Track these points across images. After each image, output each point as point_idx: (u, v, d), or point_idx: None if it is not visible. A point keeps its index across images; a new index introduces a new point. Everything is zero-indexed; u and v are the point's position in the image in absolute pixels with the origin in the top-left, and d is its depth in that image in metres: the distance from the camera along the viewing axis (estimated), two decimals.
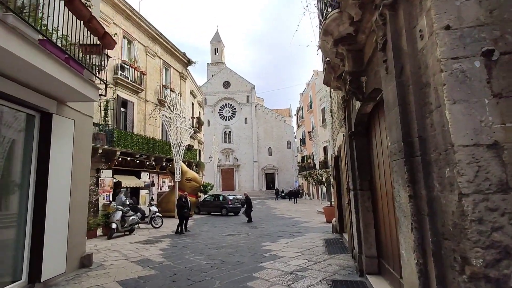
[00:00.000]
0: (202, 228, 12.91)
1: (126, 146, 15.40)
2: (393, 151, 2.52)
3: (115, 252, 7.89)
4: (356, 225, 4.83)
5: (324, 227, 11.77)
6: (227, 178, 59.26)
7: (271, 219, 16.44)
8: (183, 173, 18.42)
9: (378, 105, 4.05)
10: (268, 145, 60.86)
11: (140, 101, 18.40)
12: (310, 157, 38.05)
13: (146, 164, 17.79)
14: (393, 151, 2.50)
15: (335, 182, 8.62)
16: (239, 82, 62.98)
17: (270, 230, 11.81)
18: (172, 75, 22.43)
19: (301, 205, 27.87)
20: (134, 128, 17.57)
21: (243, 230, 11.92)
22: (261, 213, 20.40)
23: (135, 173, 17.27)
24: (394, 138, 2.46)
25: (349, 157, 5.11)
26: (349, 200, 5.54)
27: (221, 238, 9.99)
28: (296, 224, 13.21)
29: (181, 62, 23.90)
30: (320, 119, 34.06)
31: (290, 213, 19.64)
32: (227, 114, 61.86)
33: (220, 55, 70.98)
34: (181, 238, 10.18)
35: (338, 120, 7.62)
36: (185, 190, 18.42)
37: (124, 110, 16.93)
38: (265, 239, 9.42)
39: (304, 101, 42.49)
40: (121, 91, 16.55)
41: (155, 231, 12.15)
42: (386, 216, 4.00)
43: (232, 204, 19.48)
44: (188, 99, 25.31)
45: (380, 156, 4.14)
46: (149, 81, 19.40)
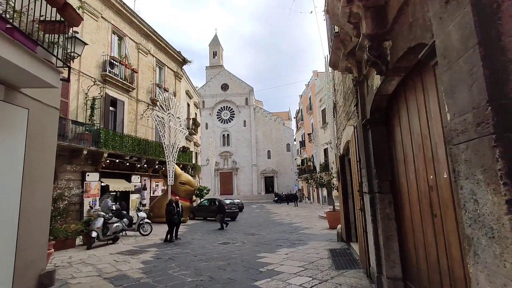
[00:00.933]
0: (194, 235, 11.88)
1: (115, 148, 14.41)
2: (459, 127, 1.56)
3: (89, 266, 6.86)
4: (373, 237, 3.85)
5: (327, 234, 10.76)
6: (225, 182, 58.22)
7: (269, 224, 15.41)
8: (176, 176, 17.40)
9: (405, 82, 3.09)
10: (267, 148, 59.91)
11: (131, 101, 17.44)
12: (310, 159, 37.06)
13: (137, 166, 16.79)
14: (460, 127, 1.55)
15: (340, 184, 7.64)
16: (238, 84, 62.24)
17: (268, 237, 10.80)
18: (166, 74, 21.52)
19: (301, 209, 26.82)
20: (125, 129, 16.59)
21: (239, 238, 10.91)
22: (259, 218, 19.37)
23: (125, 177, 16.26)
24: (464, 104, 1.50)
25: (363, 152, 4.14)
26: (362, 206, 4.56)
27: (213, 248, 8.97)
28: (296, 231, 12.19)
29: (176, 61, 23.00)
30: (320, 120, 33.15)
31: (290, 218, 18.61)
32: (226, 117, 61.00)
33: (219, 58, 70.28)
34: (169, 248, 9.15)
35: (345, 113, 6.66)
36: (178, 194, 17.42)
37: (113, 109, 15.96)
38: (262, 249, 8.41)
39: (304, 102, 41.63)
40: (110, 89, 15.60)
41: (142, 239, 11.11)
42: (417, 226, 3.02)
43: (228, 209, 18.42)
44: (183, 100, 24.38)
45: (408, 149, 3.17)
46: (141, 79, 18.47)
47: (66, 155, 12.49)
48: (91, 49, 14.50)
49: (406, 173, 3.28)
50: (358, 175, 4.70)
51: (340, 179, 7.59)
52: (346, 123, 6.62)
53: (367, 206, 4.06)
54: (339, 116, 8.03)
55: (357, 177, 4.84)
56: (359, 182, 4.56)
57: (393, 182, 3.72)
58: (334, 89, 8.58)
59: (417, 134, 2.90)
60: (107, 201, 12.67)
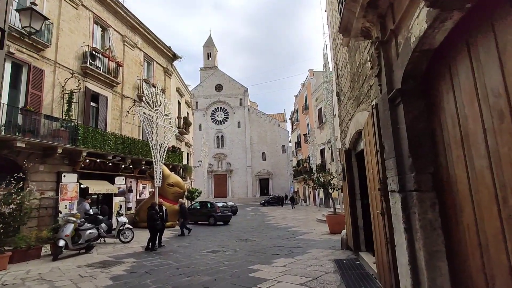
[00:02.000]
0: (181, 242, 10.70)
1: (95, 146, 13.17)
2: None
3: (45, 283, 5.66)
4: (407, 253, 2.76)
5: (328, 240, 9.68)
6: (219, 184, 57.01)
7: (265, 229, 14.28)
8: (164, 178, 16.18)
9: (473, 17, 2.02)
10: (262, 149, 58.90)
11: (116, 96, 16.22)
12: (306, 160, 36.06)
13: (122, 167, 15.54)
14: None
15: (346, 184, 6.56)
16: (232, 85, 61.25)
17: (263, 244, 9.67)
18: (155, 70, 20.34)
19: (297, 212, 25.75)
20: (108, 126, 15.36)
21: (230, 245, 9.76)
22: (254, 222, 18.24)
23: (108, 178, 15.01)
24: None
25: (389, 137, 3.06)
26: (384, 208, 3.48)
27: (201, 258, 7.82)
28: (294, 236, 11.09)
29: (166, 56, 21.85)
30: (316, 120, 32.23)
31: (287, 221, 17.51)
32: (220, 118, 59.89)
33: (213, 59, 69.22)
34: (149, 258, 7.97)
35: (354, 98, 5.60)
36: (167, 197, 16.23)
37: (95, 105, 14.74)
38: (256, 259, 7.28)
39: (299, 102, 40.71)
40: (92, 83, 14.38)
41: (121, 247, 9.90)
42: (493, 241, 1.94)
43: (221, 212, 17.28)
44: (173, 97, 23.20)
45: (471, 123, 2.10)
46: (127, 74, 17.27)
47: (38, 154, 11.23)
48: (69, 39, 13.31)
49: (465, 160, 2.20)
50: (377, 169, 3.62)
51: (346, 178, 6.52)
52: (355, 110, 5.56)
53: (396, 210, 2.98)
54: (344, 106, 6.97)
55: (376, 171, 3.76)
56: (380, 178, 3.48)
57: (436, 176, 2.65)
58: (338, 75, 7.53)
59: (495, 94, 1.82)
60: (84, 204, 11.52)
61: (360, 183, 6.38)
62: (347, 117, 6.56)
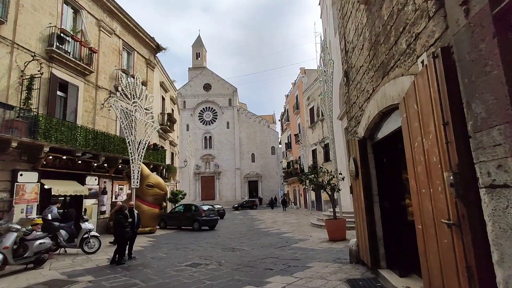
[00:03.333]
0: (157, 252, 9.11)
1: (61, 141, 11.44)
2: None
3: None
4: None
5: (329, 249, 8.31)
6: (207, 186, 55.21)
7: (254, 235, 12.82)
8: (143, 178, 14.54)
9: None
10: (251, 151, 57.49)
11: (89, 86, 14.49)
12: (297, 162, 34.83)
13: (94, 166, 13.80)
14: None
15: (359, 182, 5.21)
16: (221, 84, 59.73)
17: (253, 254, 8.22)
18: (135, 61, 18.65)
19: (288, 216, 24.39)
20: (79, 119, 13.62)
21: (215, 256, 8.26)
22: (242, 227, 16.74)
23: (78, 178, 13.24)
24: None
25: (495, 85, 1.67)
26: (459, 215, 2.10)
27: (176, 274, 6.29)
28: (288, 244, 9.67)
29: (148, 47, 20.19)
30: (308, 120, 31.06)
31: (278, 226, 16.10)
32: (208, 118, 58.21)
33: (202, 59, 67.63)
34: (111, 275, 6.39)
35: (376, 68, 4.27)
36: (145, 199, 14.60)
37: (62, 94, 12.99)
38: (246, 276, 5.83)
39: (290, 102, 39.54)
40: (59, 69, 12.64)
41: (83, 259, 8.24)
42: None
43: (206, 216, 15.71)
44: (157, 92, 21.52)
45: None
46: (103, 63, 15.56)
47: None
48: (31, 17, 11.58)
49: None
50: (443, 153, 2.24)
51: (359, 175, 5.16)
52: (378, 83, 4.22)
53: (507, 219, 1.59)
54: (355, 86, 5.63)
55: (437, 157, 2.38)
56: (452, 166, 2.10)
57: None
58: (346, 51, 6.20)
59: None
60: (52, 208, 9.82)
61: (379, 182, 5.05)
62: (362, 98, 5.21)
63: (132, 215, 8.08)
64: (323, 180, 9.93)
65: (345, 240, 9.40)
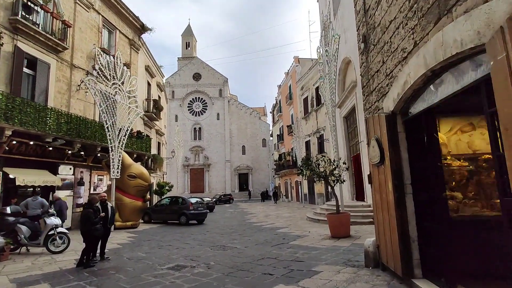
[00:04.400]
0: (136, 252, 7.91)
1: (26, 123, 9.98)
2: None
3: None
4: None
5: (335, 248, 7.29)
6: (196, 178, 53.89)
7: (247, 230, 11.74)
8: (125, 168, 13.24)
9: None
10: (242, 143, 56.29)
11: (62, 65, 12.93)
12: (289, 153, 33.88)
13: (68, 153, 12.37)
14: None
15: (387, 169, 4.12)
16: (211, 74, 57.99)
17: (247, 254, 7.12)
18: (117, 40, 17.06)
19: (281, 209, 23.44)
20: (50, 101, 12.11)
21: (203, 256, 7.13)
22: (233, 221, 15.65)
23: (49, 166, 11.81)
24: None
25: None
26: None
27: (155, 281, 5.13)
28: (286, 241, 8.62)
29: (132, 26, 18.56)
30: (301, 110, 30.00)
31: (271, 220, 15.07)
32: (197, 109, 56.53)
33: (192, 49, 65.59)
34: (72, 283, 5.17)
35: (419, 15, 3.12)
36: (127, 191, 13.31)
37: (31, 72, 11.45)
38: (240, 285, 4.73)
39: (283, 92, 38.36)
40: (26, 43, 11.09)
41: (46, 260, 6.97)
42: None
43: (194, 210, 14.53)
44: (141, 76, 19.97)
45: None
46: (79, 40, 13.98)
47: None
48: None
49: None
50: None
51: (387, 160, 4.07)
52: (423, 34, 3.09)
53: None
54: (383, 45, 4.49)
55: None
56: None
57: None
58: (365, 11, 5.05)
59: None
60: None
61: (412, 168, 3.97)
62: (392, 61, 4.09)
63: (104, 209, 6.83)
64: (326, 170, 8.87)
65: (349, 237, 8.41)
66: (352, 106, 13.61)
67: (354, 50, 12.69)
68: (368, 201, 11.78)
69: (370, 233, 8.81)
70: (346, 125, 15.45)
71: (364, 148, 11.83)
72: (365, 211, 11.14)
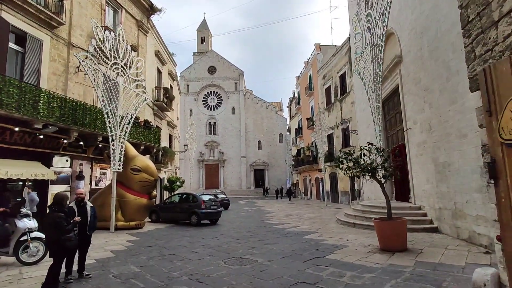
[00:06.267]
0: (128, 265, 6.16)
1: (8, 105, 8.46)
2: None
3: None
4: None
5: (397, 270, 5.26)
6: (211, 174, 52.57)
7: (267, 234, 9.85)
8: (128, 160, 11.64)
9: None
10: (258, 138, 54.45)
11: (58, 43, 11.42)
12: (309, 148, 31.69)
13: (64, 143, 10.87)
14: None
15: None
16: (226, 67, 56.27)
17: (272, 273, 5.24)
18: (123, 20, 15.48)
19: (301, 207, 21.44)
20: (43, 82, 10.63)
21: (213, 275, 5.29)
22: (250, 221, 13.81)
23: (42, 157, 10.34)
24: None
25: None
26: None
27: None
28: (321, 254, 6.67)
29: (140, 6, 16.95)
30: (323, 101, 27.72)
31: (293, 221, 13.12)
32: (212, 103, 55.06)
33: (207, 44, 64.25)
34: None
35: None
36: (130, 187, 11.72)
37: (19, 48, 9.97)
38: None
39: (302, 83, 36.09)
40: (13, 14, 9.58)
41: (10, 277, 5.33)
42: None
43: (206, 208, 12.79)
44: (151, 61, 18.38)
45: None
46: (79, 16, 12.45)
47: None
48: None
49: None
50: None
51: None
52: None
53: None
54: None
55: None
56: None
57: None
58: None
59: None
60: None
61: None
62: None
63: (82, 211, 5.09)
64: (373, 162, 6.81)
65: (406, 251, 6.35)
66: (393, 89, 11.39)
67: (398, 18, 10.47)
68: (417, 202, 9.61)
69: (432, 245, 6.71)
70: (383, 112, 13.19)
71: (411, 137, 9.63)
72: (414, 214, 8.99)
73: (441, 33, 7.50)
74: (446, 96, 7.34)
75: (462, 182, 6.83)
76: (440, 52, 7.58)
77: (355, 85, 17.98)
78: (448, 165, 7.39)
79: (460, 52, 6.75)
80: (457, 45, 6.87)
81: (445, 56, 7.35)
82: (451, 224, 7.38)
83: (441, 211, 7.89)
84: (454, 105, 7.04)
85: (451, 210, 7.33)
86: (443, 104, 7.53)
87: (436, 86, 7.83)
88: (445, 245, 6.59)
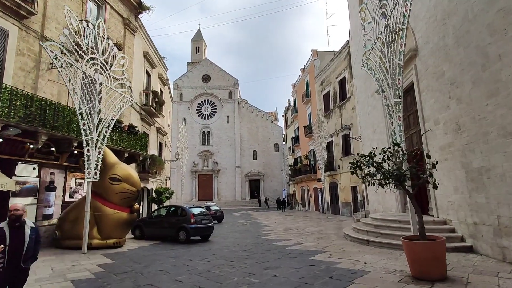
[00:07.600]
0: None
1: None
2: None
3: None
4: None
5: None
6: (204, 185, 50.85)
7: (266, 253, 8.38)
8: (107, 168, 10.17)
9: None
10: (253, 147, 53.14)
11: (28, 35, 10.09)
12: (306, 157, 30.41)
13: (30, 148, 9.38)
14: None
15: None
16: (221, 76, 55.40)
17: None
18: (107, 17, 14.23)
19: (299, 220, 19.96)
20: (8, 79, 9.22)
21: None
22: (246, 236, 12.30)
23: (2, 165, 8.82)
24: None
25: None
26: None
27: None
28: (338, 283, 5.26)
29: (127, 3, 15.78)
30: (321, 108, 26.65)
31: (294, 236, 11.66)
32: (206, 112, 53.85)
33: (202, 54, 63.85)
34: None
35: None
36: (109, 199, 10.21)
37: None
38: None
39: (298, 91, 35.12)
40: None
41: None
42: None
43: (196, 223, 11.28)
44: (139, 63, 17.09)
45: None
46: (55, 7, 11.18)
47: None
48: None
49: None
50: None
51: None
52: None
53: None
54: None
55: None
56: None
57: None
58: None
59: None
60: None
61: None
62: None
63: (16, 234, 3.64)
64: (400, 168, 5.50)
65: (447, 281, 4.97)
66: (404, 88, 10.20)
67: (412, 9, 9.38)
68: (441, 215, 8.28)
69: (477, 271, 5.32)
70: None
71: (432, 140, 8.37)
72: (439, 230, 7.64)
73: (473, 15, 6.35)
74: (482, 88, 6.14)
75: (508, 191, 5.55)
76: (472, 36, 6.42)
77: (357, 88, 16.87)
78: (486, 171, 6.12)
79: (502, 33, 5.59)
80: (497, 25, 5.72)
81: (479, 40, 6.18)
82: (493, 243, 6.04)
83: (476, 226, 6.56)
84: (494, 97, 5.82)
85: (493, 225, 6.01)
86: (477, 98, 6.32)
87: (467, 78, 6.63)
88: (494, 272, 5.23)
